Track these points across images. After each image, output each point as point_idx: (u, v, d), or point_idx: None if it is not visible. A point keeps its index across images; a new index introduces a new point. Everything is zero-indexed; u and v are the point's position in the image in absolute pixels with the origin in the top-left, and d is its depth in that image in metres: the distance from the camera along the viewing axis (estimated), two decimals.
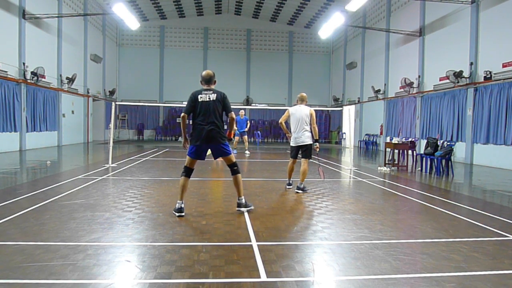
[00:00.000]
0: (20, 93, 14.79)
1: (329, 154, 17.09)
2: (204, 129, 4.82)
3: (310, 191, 6.79)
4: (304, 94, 6.93)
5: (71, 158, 13.46)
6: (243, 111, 15.15)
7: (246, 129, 14.94)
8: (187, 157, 5.01)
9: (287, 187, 7.04)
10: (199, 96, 4.90)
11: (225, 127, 5.14)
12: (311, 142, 6.63)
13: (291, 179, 7.06)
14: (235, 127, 6.49)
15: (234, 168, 5.10)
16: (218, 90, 5.02)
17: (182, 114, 4.96)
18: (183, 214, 4.81)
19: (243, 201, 5.16)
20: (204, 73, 5.07)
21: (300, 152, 6.71)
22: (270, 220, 4.72)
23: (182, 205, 4.86)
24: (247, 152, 14.85)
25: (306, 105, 6.79)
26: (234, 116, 5.03)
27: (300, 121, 6.58)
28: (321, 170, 7.52)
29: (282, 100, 27.40)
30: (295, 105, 6.89)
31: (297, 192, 6.62)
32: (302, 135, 6.57)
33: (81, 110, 20.95)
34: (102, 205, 5.40)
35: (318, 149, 6.87)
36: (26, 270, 3.01)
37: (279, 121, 6.94)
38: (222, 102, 4.95)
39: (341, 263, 3.30)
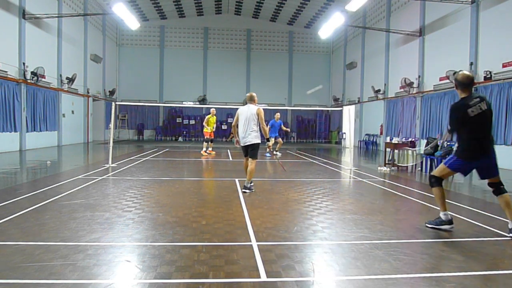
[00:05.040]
0: (20, 93, 14.79)
1: (329, 154, 17.09)
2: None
3: (311, 191, 6.79)
4: (253, 94, 6.83)
5: (71, 158, 13.46)
6: (278, 114, 15.07)
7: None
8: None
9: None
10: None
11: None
12: (258, 142, 6.58)
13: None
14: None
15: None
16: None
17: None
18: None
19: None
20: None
21: (248, 151, 6.70)
22: (270, 220, 4.72)
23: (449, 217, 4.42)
24: (277, 153, 14.57)
25: (256, 104, 6.76)
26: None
27: (248, 121, 6.56)
28: (280, 163, 9.51)
29: (282, 100, 27.42)
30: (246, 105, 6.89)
31: (244, 192, 6.51)
32: (248, 135, 6.56)
33: (81, 110, 20.95)
34: (102, 205, 5.40)
35: (270, 148, 7.21)
36: (26, 270, 3.01)
37: (232, 125, 7.06)
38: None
39: (341, 263, 3.30)
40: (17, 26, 14.69)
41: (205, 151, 14.19)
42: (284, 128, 15.56)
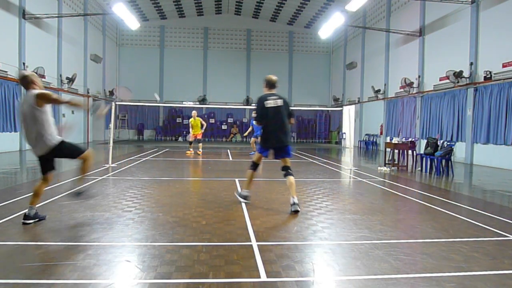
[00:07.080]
0: (20, 93, 14.78)
1: (329, 154, 17.09)
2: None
3: (311, 191, 6.79)
4: (28, 74, 4.19)
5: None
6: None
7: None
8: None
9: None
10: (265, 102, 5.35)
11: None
12: (50, 145, 4.49)
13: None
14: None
15: (288, 171, 5.39)
16: (282, 96, 5.51)
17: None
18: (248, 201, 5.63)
19: (296, 200, 5.12)
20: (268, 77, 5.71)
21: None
22: (270, 220, 4.72)
23: (246, 193, 5.64)
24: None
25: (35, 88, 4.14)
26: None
27: (26, 121, 4.23)
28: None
29: None
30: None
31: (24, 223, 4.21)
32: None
33: (81, 110, 20.94)
34: (102, 205, 5.40)
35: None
36: (26, 270, 3.01)
37: None
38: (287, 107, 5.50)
39: (341, 263, 3.30)
40: (17, 26, 14.69)
41: (189, 151, 14.43)
42: None
